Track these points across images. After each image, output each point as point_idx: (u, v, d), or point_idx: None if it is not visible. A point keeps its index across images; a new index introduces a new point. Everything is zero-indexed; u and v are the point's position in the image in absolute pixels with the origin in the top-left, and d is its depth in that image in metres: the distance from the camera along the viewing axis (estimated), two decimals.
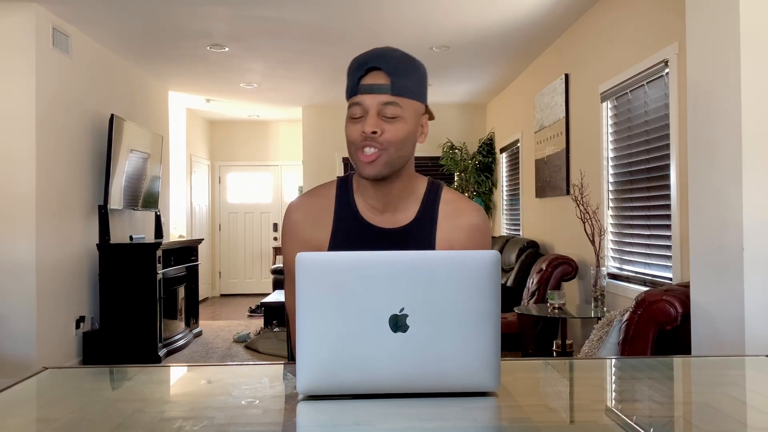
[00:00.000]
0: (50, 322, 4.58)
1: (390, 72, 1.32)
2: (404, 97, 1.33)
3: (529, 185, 6.12)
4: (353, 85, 1.34)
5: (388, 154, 1.33)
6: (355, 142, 1.34)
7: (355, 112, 1.33)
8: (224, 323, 7.11)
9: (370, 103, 1.32)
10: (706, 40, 2.20)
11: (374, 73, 1.32)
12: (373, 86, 1.31)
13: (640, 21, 3.75)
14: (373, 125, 1.31)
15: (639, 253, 3.81)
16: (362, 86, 1.32)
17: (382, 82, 1.32)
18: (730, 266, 2.04)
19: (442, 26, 4.92)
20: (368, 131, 1.30)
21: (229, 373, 1.27)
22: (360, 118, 1.33)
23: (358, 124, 1.33)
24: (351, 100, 1.34)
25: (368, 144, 1.32)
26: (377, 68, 1.32)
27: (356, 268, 0.99)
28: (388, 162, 1.33)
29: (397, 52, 1.36)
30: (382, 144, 1.32)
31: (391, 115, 1.32)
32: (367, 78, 1.33)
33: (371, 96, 1.31)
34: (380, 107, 1.32)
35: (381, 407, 0.97)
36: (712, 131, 2.16)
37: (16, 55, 4.39)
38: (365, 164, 1.33)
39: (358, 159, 1.34)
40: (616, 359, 2.00)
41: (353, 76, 1.34)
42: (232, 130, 9.62)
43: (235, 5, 4.42)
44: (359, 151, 1.33)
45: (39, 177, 4.44)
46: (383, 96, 1.31)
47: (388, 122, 1.32)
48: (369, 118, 1.32)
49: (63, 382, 1.21)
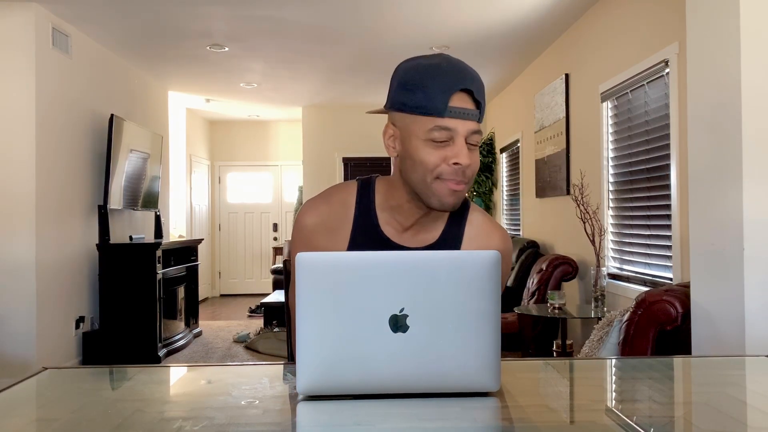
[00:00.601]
0: (50, 322, 4.58)
1: (479, 97, 1.19)
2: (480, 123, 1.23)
3: (529, 185, 6.12)
4: (438, 104, 1.16)
5: (468, 186, 1.23)
6: (436, 171, 1.19)
7: (438, 135, 1.17)
8: (224, 323, 7.11)
9: (462, 130, 1.18)
10: (706, 40, 2.20)
11: (463, 94, 1.18)
12: (467, 111, 1.18)
13: (640, 21, 3.75)
14: (467, 156, 1.18)
15: (639, 253, 3.81)
16: (453, 109, 1.16)
17: (472, 107, 1.19)
18: (730, 266, 2.04)
19: (442, 26, 4.92)
20: (465, 163, 1.18)
21: (229, 373, 1.27)
22: (443, 143, 1.18)
23: (441, 150, 1.18)
24: (436, 123, 1.17)
25: (455, 177, 1.19)
26: (468, 90, 1.19)
27: (356, 268, 0.99)
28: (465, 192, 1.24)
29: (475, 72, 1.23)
30: (468, 177, 1.21)
31: (475, 143, 1.21)
32: (456, 100, 1.17)
33: (463, 122, 1.17)
34: (470, 135, 1.19)
35: (381, 407, 0.97)
36: (712, 131, 2.16)
37: (16, 55, 4.39)
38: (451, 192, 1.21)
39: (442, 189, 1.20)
40: (616, 359, 2.00)
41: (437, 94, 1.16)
42: (232, 130, 9.62)
43: (235, 5, 4.42)
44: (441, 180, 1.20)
45: (39, 177, 4.44)
46: (473, 124, 1.19)
47: (473, 151, 1.21)
48: (460, 147, 1.18)
49: (63, 382, 1.21)
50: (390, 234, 1.31)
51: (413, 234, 1.32)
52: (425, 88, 1.17)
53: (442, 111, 1.16)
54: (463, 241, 1.33)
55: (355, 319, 0.98)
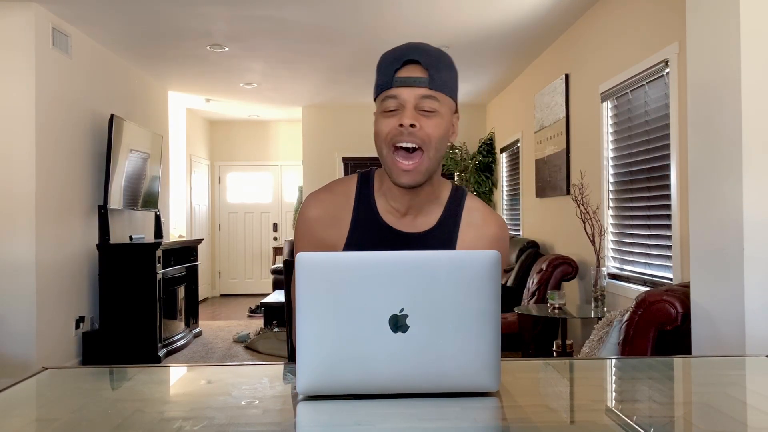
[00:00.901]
0: (50, 322, 4.58)
1: (428, 65, 1.25)
2: (441, 92, 1.26)
3: (529, 185, 6.12)
4: (387, 78, 1.26)
5: (428, 157, 1.26)
6: (389, 136, 1.25)
7: (388, 105, 1.26)
8: (224, 323, 7.11)
9: (408, 96, 1.24)
10: (706, 40, 2.20)
11: (411, 66, 1.26)
12: (411, 78, 1.25)
13: (640, 21, 3.75)
14: (412, 117, 1.24)
15: (639, 253, 3.81)
16: (398, 78, 1.25)
17: (420, 75, 1.25)
18: (730, 266, 2.04)
19: (442, 26, 4.92)
20: (407, 123, 1.23)
21: (229, 373, 1.27)
22: (394, 111, 1.26)
23: (393, 118, 1.25)
24: (385, 94, 1.26)
25: (404, 139, 1.24)
26: (414, 61, 1.26)
27: (356, 268, 0.99)
28: (427, 169, 1.27)
29: (433, 47, 1.30)
30: (421, 139, 1.25)
31: (429, 108, 1.25)
32: (403, 71, 1.26)
33: (409, 89, 1.24)
34: (418, 101, 1.25)
35: (381, 407, 0.97)
36: (712, 131, 2.16)
37: (16, 55, 4.39)
38: (402, 172, 1.26)
39: (394, 164, 1.26)
40: (616, 359, 2.00)
41: (387, 69, 1.27)
42: (232, 130, 9.63)
43: (235, 5, 4.43)
44: (395, 153, 1.26)
45: (39, 177, 4.44)
46: (421, 89, 1.24)
47: (426, 116, 1.25)
48: (407, 110, 1.24)
49: (63, 382, 1.21)
50: (389, 220, 1.35)
51: (411, 219, 1.35)
52: (381, 68, 1.29)
53: (390, 82, 1.25)
54: (461, 227, 1.36)
55: (355, 319, 0.98)
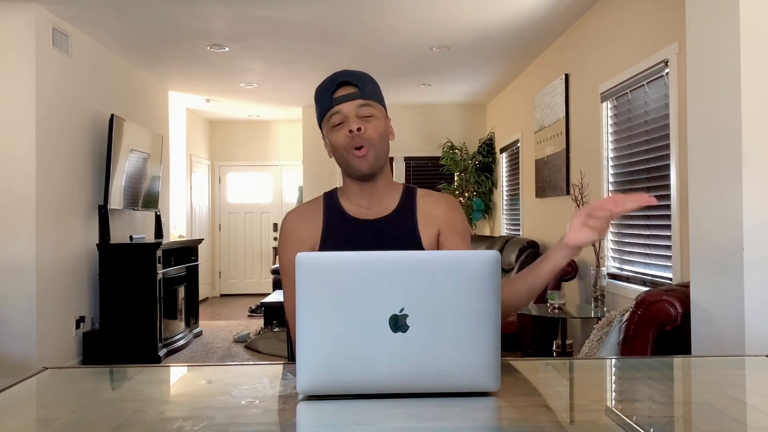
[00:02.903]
0: (50, 322, 4.58)
1: (356, 82, 1.52)
2: (372, 100, 1.53)
3: (529, 185, 6.12)
4: (327, 100, 1.52)
5: (375, 149, 1.51)
6: (343, 145, 1.50)
7: (335, 120, 1.51)
8: (224, 323, 7.11)
9: (348, 108, 1.50)
10: (706, 40, 2.20)
11: (343, 87, 1.52)
12: (347, 95, 1.51)
13: (640, 21, 3.75)
14: (357, 123, 1.49)
15: (639, 253, 3.81)
16: (336, 98, 1.51)
17: (352, 90, 1.52)
18: (730, 266, 2.04)
19: (442, 26, 4.92)
20: (354, 128, 1.48)
21: (229, 373, 1.27)
22: (340, 125, 1.51)
23: (342, 130, 1.50)
24: (329, 112, 1.52)
25: (356, 143, 1.49)
26: (345, 82, 1.52)
27: (356, 268, 0.99)
28: (375, 156, 1.51)
29: (356, 70, 1.57)
30: (367, 141, 1.49)
31: (367, 114, 1.51)
32: (338, 91, 1.52)
33: (347, 103, 1.50)
34: (356, 110, 1.50)
35: (381, 407, 0.97)
36: (712, 131, 2.16)
37: (16, 55, 4.39)
38: (358, 159, 1.50)
39: (351, 157, 1.51)
40: (616, 359, 2.00)
41: (325, 95, 1.53)
42: (232, 130, 9.62)
43: (235, 5, 4.43)
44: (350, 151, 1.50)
45: (39, 177, 4.44)
46: (356, 101, 1.51)
47: (366, 121, 1.51)
48: (350, 119, 1.50)
49: (63, 382, 1.22)
50: (353, 213, 1.58)
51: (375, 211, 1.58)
52: (319, 96, 1.55)
53: (330, 103, 1.52)
54: (418, 207, 1.59)
55: (355, 319, 0.98)
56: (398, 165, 8.16)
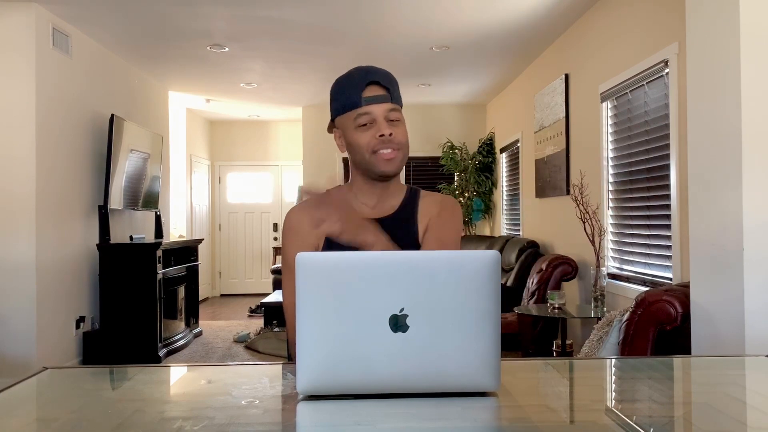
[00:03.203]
0: (50, 322, 4.58)
1: (386, 84, 1.51)
2: (399, 104, 1.54)
3: (529, 185, 6.12)
4: (355, 98, 1.49)
5: (403, 152, 1.51)
6: (369, 146, 1.49)
7: (362, 120, 1.49)
8: (224, 323, 7.11)
9: (378, 111, 1.49)
10: (706, 40, 2.20)
11: (373, 86, 1.50)
12: (378, 97, 1.49)
13: (640, 21, 3.75)
14: (388, 127, 1.49)
15: (639, 253, 3.81)
16: (367, 98, 1.49)
17: (383, 93, 1.50)
18: (730, 266, 2.04)
19: (442, 26, 4.92)
20: (386, 133, 1.47)
21: (229, 373, 1.27)
22: (367, 126, 1.49)
23: (369, 131, 1.49)
24: (356, 111, 1.50)
25: (385, 146, 1.48)
26: (375, 82, 1.50)
27: (356, 268, 0.99)
28: (403, 159, 1.53)
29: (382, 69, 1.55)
30: (397, 144, 1.49)
31: (395, 119, 1.51)
32: (367, 91, 1.49)
33: (378, 106, 1.49)
34: (386, 113, 1.50)
35: (381, 407, 0.97)
36: (712, 131, 2.16)
37: (16, 55, 4.39)
38: (386, 161, 1.49)
39: (377, 159, 1.49)
40: (616, 359, 2.00)
41: (352, 91, 1.50)
42: (232, 130, 9.62)
43: (235, 5, 4.42)
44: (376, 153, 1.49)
45: (39, 177, 4.44)
46: (387, 104, 1.50)
47: (395, 126, 1.50)
48: (381, 123, 1.49)
49: (63, 382, 1.22)
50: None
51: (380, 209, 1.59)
52: (344, 90, 1.52)
53: (359, 102, 1.49)
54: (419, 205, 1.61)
55: (355, 319, 0.98)
56: None
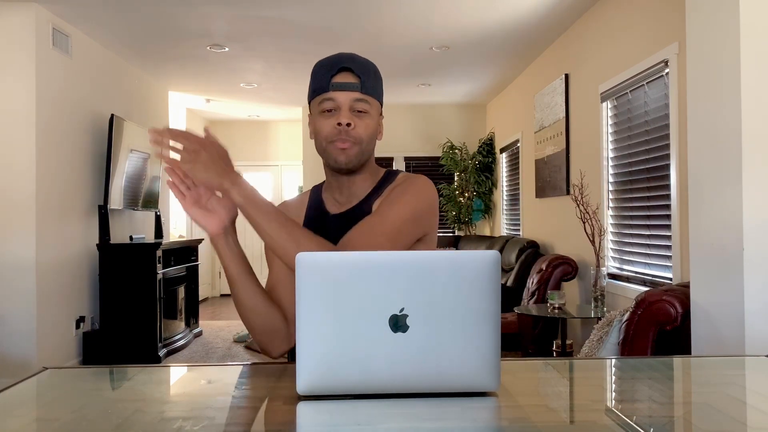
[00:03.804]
0: (50, 322, 4.58)
1: (359, 72, 1.43)
2: (371, 96, 1.44)
3: (529, 185, 6.12)
4: (324, 83, 1.42)
5: (359, 147, 1.43)
6: (328, 136, 1.42)
7: (325, 106, 1.42)
8: (224, 323, 7.11)
9: (343, 99, 1.41)
10: (706, 40, 2.20)
11: (345, 72, 1.43)
12: (346, 84, 1.41)
13: (640, 21, 3.75)
14: (348, 117, 1.41)
15: (639, 253, 3.81)
16: (334, 83, 1.41)
17: (353, 80, 1.42)
18: (730, 266, 2.04)
19: (442, 26, 4.92)
20: (344, 122, 1.40)
21: (229, 373, 1.27)
22: (331, 112, 1.42)
23: (330, 119, 1.42)
24: (322, 96, 1.43)
25: (342, 138, 1.41)
26: (347, 69, 1.43)
27: (356, 268, 0.99)
28: (358, 154, 1.44)
29: (362, 57, 1.48)
30: (354, 138, 1.42)
31: (361, 109, 1.42)
32: (338, 77, 1.42)
33: (344, 93, 1.41)
34: (352, 103, 1.42)
35: (381, 407, 0.97)
36: (712, 131, 2.16)
37: (16, 56, 4.39)
38: (340, 151, 1.42)
39: (333, 148, 1.43)
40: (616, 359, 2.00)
41: (323, 75, 1.43)
42: (232, 130, 9.63)
43: (235, 5, 4.43)
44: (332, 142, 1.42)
45: (39, 177, 4.44)
46: (354, 93, 1.42)
47: (359, 117, 1.42)
48: (343, 111, 1.41)
49: (63, 382, 1.21)
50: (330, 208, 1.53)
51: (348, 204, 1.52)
52: (317, 74, 1.45)
53: (326, 87, 1.42)
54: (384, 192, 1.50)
55: (355, 319, 0.98)
56: (398, 165, 8.15)
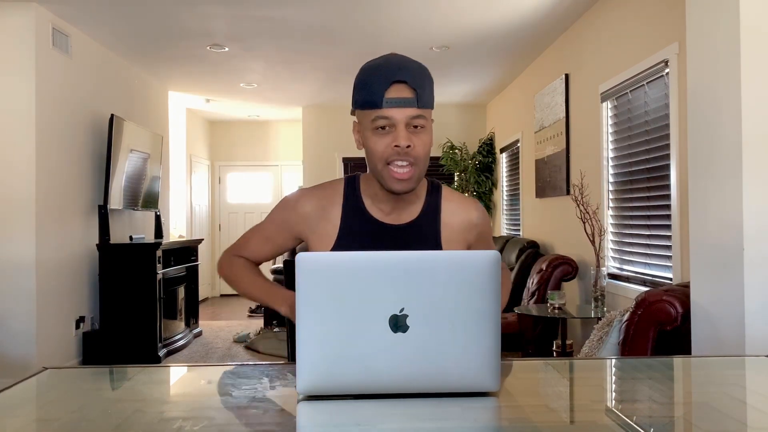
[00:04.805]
0: (50, 322, 4.58)
1: (415, 85, 1.32)
2: (427, 108, 1.35)
3: (529, 185, 6.12)
4: (377, 97, 1.32)
5: (419, 168, 1.36)
6: (383, 156, 1.34)
7: (379, 123, 1.33)
8: (224, 323, 7.11)
9: (399, 116, 1.32)
10: (706, 40, 2.20)
11: (399, 85, 1.32)
12: (401, 99, 1.32)
13: (640, 21, 3.75)
14: (406, 138, 1.32)
15: (639, 253, 3.81)
16: (388, 99, 1.31)
17: (409, 95, 1.32)
18: (730, 266, 2.04)
19: (442, 26, 4.92)
20: (403, 144, 1.32)
21: (229, 373, 1.27)
22: (385, 131, 1.33)
23: (386, 137, 1.34)
24: (376, 113, 1.33)
25: (400, 158, 1.33)
26: (402, 81, 1.32)
27: (356, 269, 0.99)
28: (418, 177, 1.37)
29: (415, 62, 1.37)
30: (414, 158, 1.34)
31: (419, 125, 1.34)
32: (392, 91, 1.32)
33: (400, 110, 1.32)
34: (408, 120, 1.33)
35: (381, 407, 0.97)
36: (712, 131, 2.16)
37: (16, 55, 4.38)
38: (397, 180, 1.35)
39: (389, 174, 1.35)
40: (616, 359, 2.00)
41: (376, 88, 1.32)
42: (232, 130, 9.62)
43: (235, 5, 4.42)
44: (389, 165, 1.34)
45: (39, 177, 4.44)
46: (411, 110, 1.32)
47: (416, 134, 1.34)
48: (400, 131, 1.32)
49: (63, 382, 1.21)
50: (376, 215, 1.45)
51: (396, 216, 1.45)
52: (367, 85, 1.35)
53: (380, 103, 1.31)
54: (442, 213, 1.46)
55: (355, 319, 0.98)
56: None
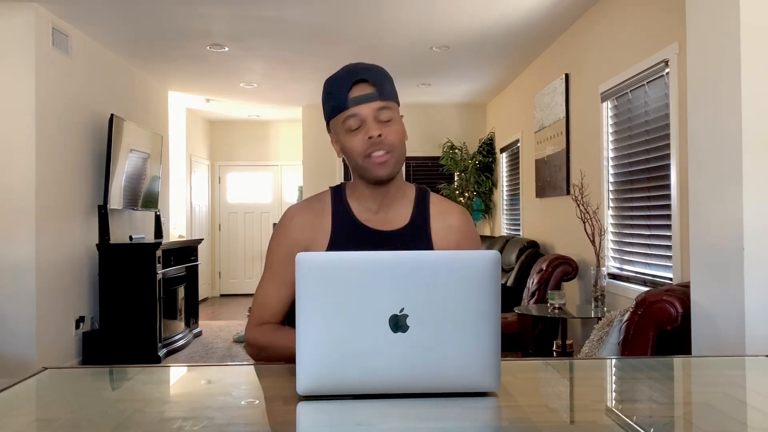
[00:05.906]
0: (50, 322, 4.58)
1: (374, 81, 1.41)
2: (391, 101, 1.43)
3: (529, 185, 6.12)
4: (342, 99, 1.41)
5: (396, 154, 1.42)
6: (362, 150, 1.41)
7: (351, 124, 1.41)
8: (224, 323, 7.11)
9: (366, 111, 1.40)
10: (706, 40, 2.20)
11: (360, 85, 1.41)
12: (365, 96, 1.40)
13: (640, 21, 3.75)
14: (377, 129, 1.39)
15: (639, 253, 3.81)
16: (352, 99, 1.40)
17: (370, 91, 1.40)
18: (730, 266, 2.04)
19: (442, 26, 4.92)
20: (375, 134, 1.38)
21: (229, 373, 1.27)
22: (358, 129, 1.41)
23: (359, 134, 1.41)
24: (344, 114, 1.41)
25: (376, 148, 1.40)
26: (362, 80, 1.41)
27: (356, 269, 0.99)
28: (396, 161, 1.43)
29: (372, 64, 1.47)
30: (389, 146, 1.41)
31: (386, 118, 1.41)
32: (354, 90, 1.40)
33: (365, 105, 1.40)
34: (375, 113, 1.40)
35: (381, 407, 0.97)
36: (712, 131, 2.16)
37: (16, 55, 4.39)
38: (378, 165, 1.41)
39: (370, 163, 1.41)
40: (616, 359, 2.00)
41: (339, 93, 1.41)
42: (232, 130, 9.62)
43: (235, 5, 4.42)
44: (368, 157, 1.41)
45: (38, 177, 4.44)
46: (375, 103, 1.40)
47: (386, 125, 1.41)
48: (369, 124, 1.40)
49: (63, 382, 1.21)
50: (364, 220, 1.49)
51: (384, 217, 1.50)
52: (332, 93, 1.44)
53: (345, 103, 1.40)
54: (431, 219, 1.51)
55: (355, 319, 0.98)
56: None
